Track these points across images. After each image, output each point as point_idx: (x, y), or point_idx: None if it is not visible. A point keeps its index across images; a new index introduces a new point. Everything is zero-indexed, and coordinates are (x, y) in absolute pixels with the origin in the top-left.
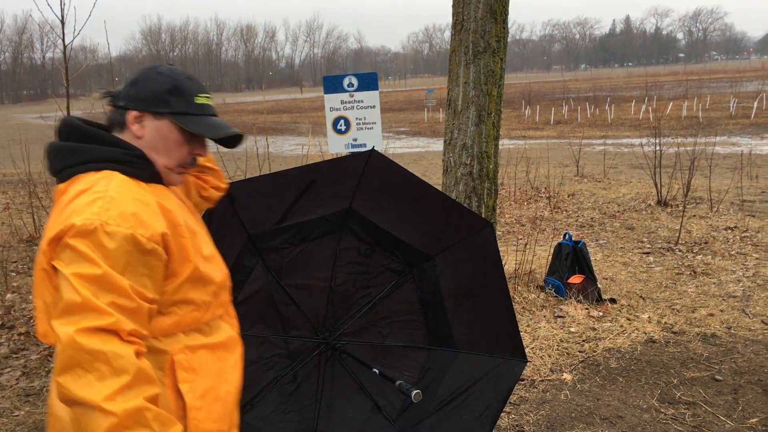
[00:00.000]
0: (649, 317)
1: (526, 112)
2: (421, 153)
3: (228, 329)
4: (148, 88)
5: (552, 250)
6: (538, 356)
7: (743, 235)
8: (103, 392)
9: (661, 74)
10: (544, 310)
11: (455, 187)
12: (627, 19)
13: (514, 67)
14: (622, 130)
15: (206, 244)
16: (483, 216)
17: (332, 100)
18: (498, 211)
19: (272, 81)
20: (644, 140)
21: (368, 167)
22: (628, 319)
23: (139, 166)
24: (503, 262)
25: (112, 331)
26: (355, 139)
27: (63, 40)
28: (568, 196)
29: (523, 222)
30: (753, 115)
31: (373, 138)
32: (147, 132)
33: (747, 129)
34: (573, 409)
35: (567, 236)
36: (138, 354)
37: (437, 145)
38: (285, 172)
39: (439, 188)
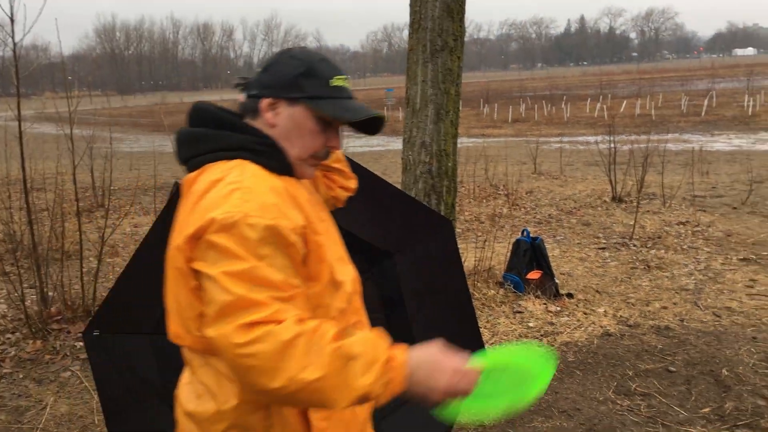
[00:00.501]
0: (605, 311)
1: (485, 110)
2: (380, 152)
3: None
4: (281, 73)
5: (510, 247)
6: None
7: (695, 229)
8: (292, 370)
9: (615, 73)
10: (503, 305)
11: (414, 185)
12: (582, 19)
13: (472, 66)
14: (577, 128)
15: (337, 244)
16: (442, 213)
17: None
18: (457, 208)
19: (232, 80)
20: (599, 138)
21: None
22: (585, 314)
23: (271, 156)
24: (463, 259)
25: (275, 321)
26: None
27: (12, 38)
28: (526, 194)
29: (482, 219)
30: (703, 113)
31: None
32: (281, 120)
33: (698, 126)
34: (532, 403)
35: (525, 233)
36: (300, 320)
37: (397, 144)
38: None
39: (399, 187)
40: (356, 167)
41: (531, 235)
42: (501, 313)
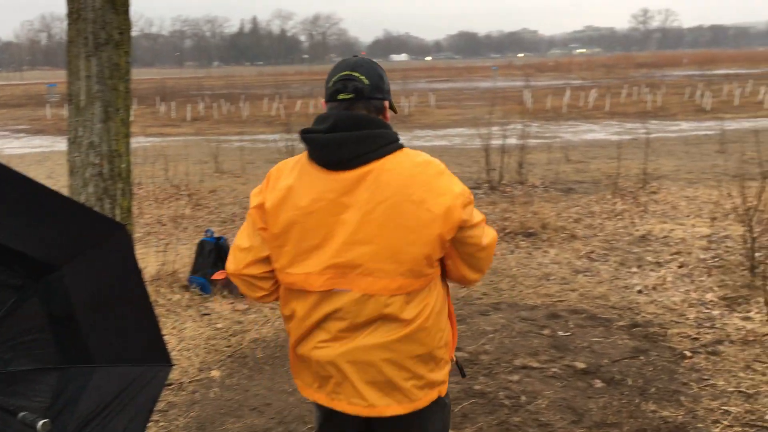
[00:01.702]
0: None
1: (161, 108)
2: (45, 153)
3: None
4: (386, 81)
5: (195, 248)
6: (185, 357)
7: None
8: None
9: (288, 74)
10: (189, 309)
11: (84, 189)
12: (254, 20)
13: (145, 62)
14: (257, 127)
15: None
16: (118, 218)
17: None
18: (136, 211)
19: None
20: (278, 136)
21: None
22: (272, 308)
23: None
24: (144, 265)
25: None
26: None
27: None
28: (209, 193)
29: (164, 221)
30: None
31: None
32: (388, 116)
33: None
34: (222, 405)
35: (209, 233)
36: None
37: (63, 145)
38: None
39: (67, 191)
40: (7, 173)
41: (215, 235)
42: (188, 318)
